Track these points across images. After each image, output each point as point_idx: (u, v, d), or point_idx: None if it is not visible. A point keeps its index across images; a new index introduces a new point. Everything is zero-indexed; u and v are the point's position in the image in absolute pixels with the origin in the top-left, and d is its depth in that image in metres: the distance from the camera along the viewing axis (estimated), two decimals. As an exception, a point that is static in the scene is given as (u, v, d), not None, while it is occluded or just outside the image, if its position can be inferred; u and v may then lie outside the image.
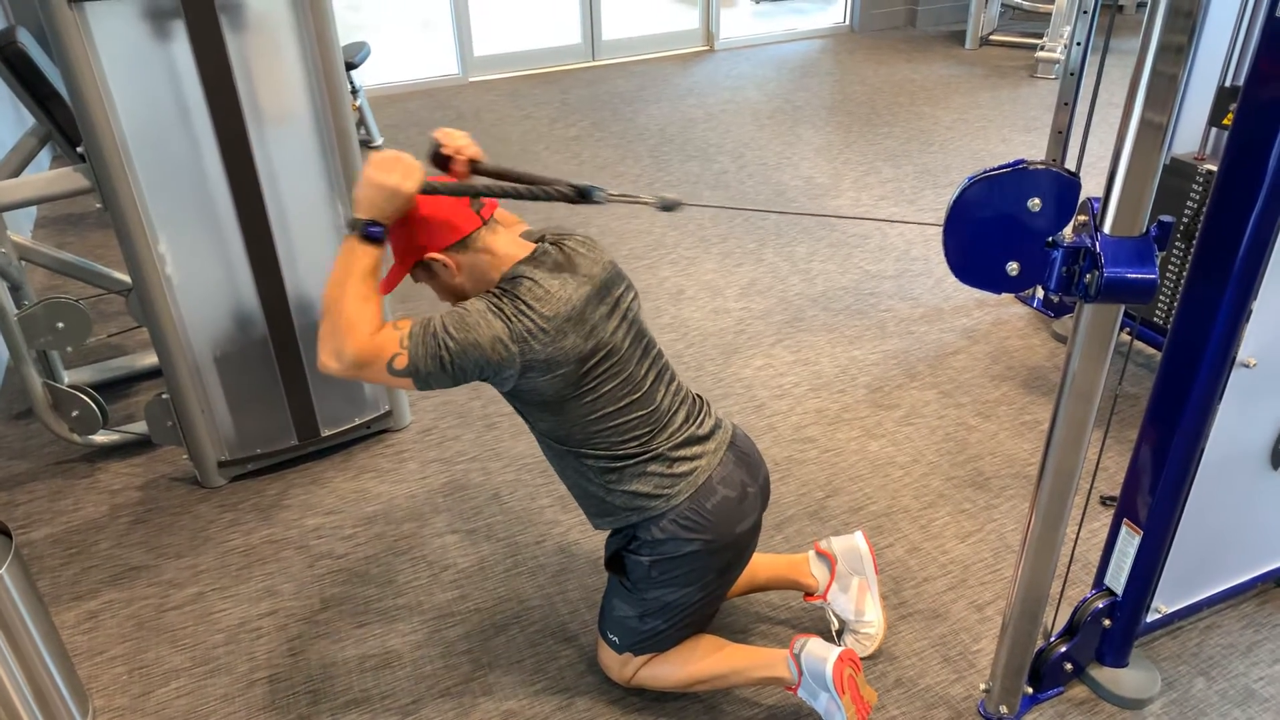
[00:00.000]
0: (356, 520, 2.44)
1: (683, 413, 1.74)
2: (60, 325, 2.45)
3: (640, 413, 1.67)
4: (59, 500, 2.53)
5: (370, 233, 1.51)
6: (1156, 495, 1.72)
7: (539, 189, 1.59)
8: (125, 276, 2.80)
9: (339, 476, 2.60)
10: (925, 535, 2.34)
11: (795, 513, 2.42)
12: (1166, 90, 1.26)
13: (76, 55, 1.99)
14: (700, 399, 1.81)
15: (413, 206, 1.55)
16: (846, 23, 6.65)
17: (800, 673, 1.75)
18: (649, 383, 1.69)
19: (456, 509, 2.47)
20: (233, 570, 2.29)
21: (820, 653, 1.73)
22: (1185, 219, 2.51)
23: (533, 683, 1.98)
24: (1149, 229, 1.35)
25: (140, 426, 2.66)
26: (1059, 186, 1.32)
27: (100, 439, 2.66)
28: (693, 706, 1.91)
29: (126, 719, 1.94)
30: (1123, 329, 1.50)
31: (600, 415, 1.64)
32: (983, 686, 1.90)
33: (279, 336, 2.44)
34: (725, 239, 3.81)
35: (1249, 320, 1.55)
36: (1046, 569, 1.68)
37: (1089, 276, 1.34)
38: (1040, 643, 1.87)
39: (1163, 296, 2.68)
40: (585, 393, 1.62)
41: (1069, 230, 1.37)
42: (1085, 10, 2.89)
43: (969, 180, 1.33)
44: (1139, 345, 2.99)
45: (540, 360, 1.56)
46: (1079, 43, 2.93)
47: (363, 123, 4.77)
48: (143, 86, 2.09)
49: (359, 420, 2.67)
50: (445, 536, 2.38)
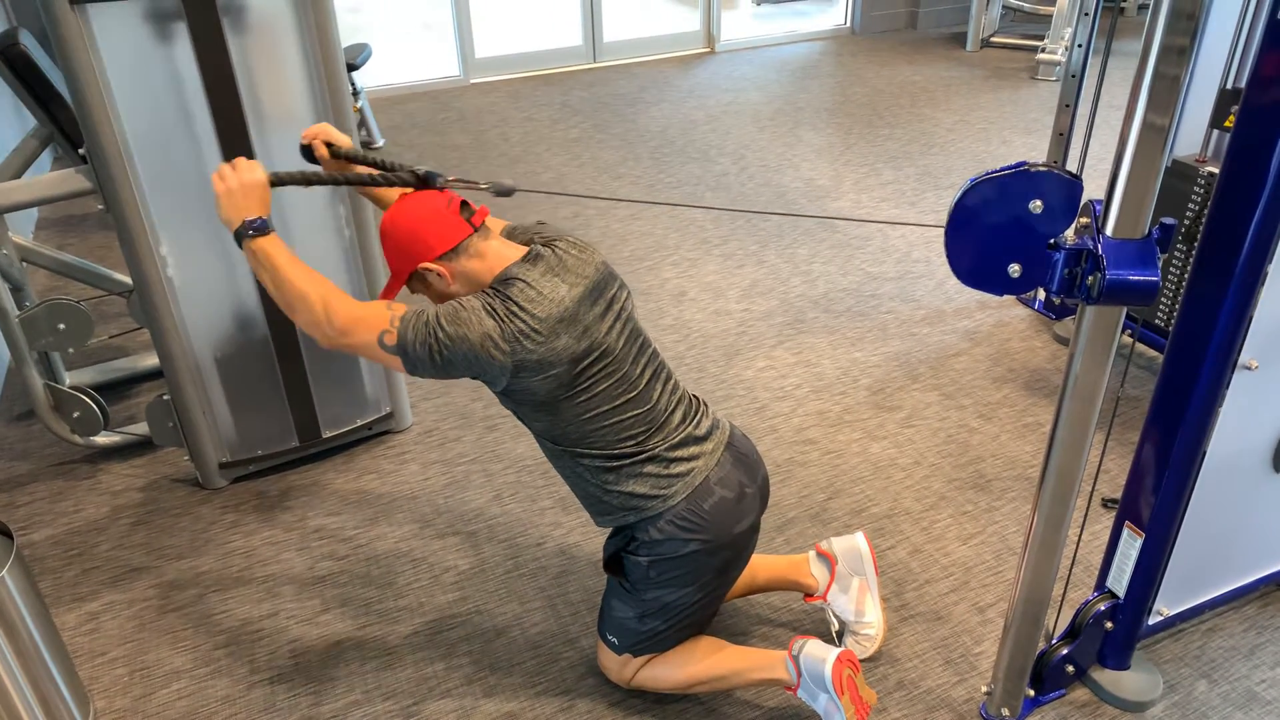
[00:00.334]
0: (358, 522, 2.44)
1: (680, 412, 1.74)
2: (62, 326, 2.45)
3: (636, 412, 1.67)
4: (60, 501, 2.54)
5: (258, 227, 1.61)
6: (1158, 497, 1.71)
7: (381, 175, 1.69)
8: (127, 278, 2.80)
9: (340, 478, 2.60)
10: (927, 537, 2.34)
11: (796, 515, 2.42)
12: (1168, 92, 1.26)
13: (78, 57, 1.99)
14: (698, 399, 1.81)
15: (405, 215, 1.62)
16: (847, 24, 6.66)
17: (799, 674, 1.75)
18: (645, 382, 1.70)
19: (457, 511, 2.47)
20: (234, 572, 2.29)
21: (819, 654, 1.73)
22: (1187, 221, 2.51)
23: (534, 684, 1.98)
24: (1151, 231, 1.35)
25: (141, 428, 2.66)
26: (1061, 188, 1.32)
27: (101, 440, 2.66)
28: (693, 708, 1.91)
29: (127, 720, 1.94)
30: (1124, 331, 1.50)
31: (595, 414, 1.65)
32: (984, 689, 1.90)
33: (280, 338, 2.44)
34: (726, 240, 3.81)
35: (1251, 322, 1.55)
36: (1048, 571, 1.67)
37: (1091, 279, 1.34)
38: (1042, 645, 1.86)
39: (1164, 299, 2.68)
40: (579, 392, 1.63)
41: (1071, 232, 1.37)
42: (1086, 12, 2.89)
43: (971, 182, 1.33)
44: (1141, 347, 2.99)
45: (533, 361, 1.56)
46: (1080, 45, 2.93)
47: (364, 124, 4.78)
48: (145, 88, 2.09)
49: (360, 422, 2.67)
50: (446, 538, 2.38)
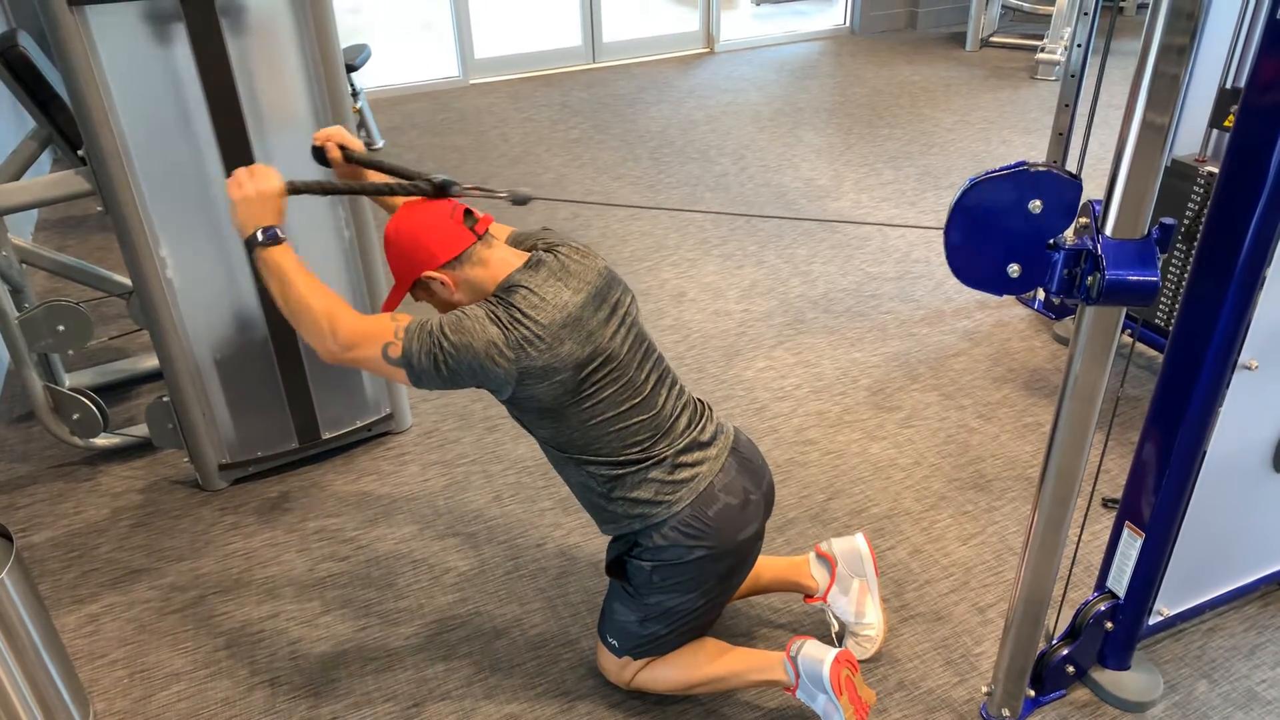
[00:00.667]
0: (357, 523, 2.44)
1: (685, 418, 1.73)
2: (61, 328, 2.45)
3: (641, 418, 1.67)
4: (60, 503, 2.53)
5: (270, 236, 1.61)
6: (1158, 497, 1.71)
7: (398, 184, 1.67)
8: (126, 279, 2.80)
9: (340, 479, 2.60)
10: (927, 538, 2.33)
11: (796, 515, 2.41)
12: (1168, 92, 1.26)
13: (77, 58, 1.99)
14: (702, 404, 1.81)
15: (409, 223, 1.61)
16: (847, 24, 6.66)
17: (797, 674, 1.75)
18: (650, 387, 1.69)
19: (457, 512, 2.47)
20: (234, 573, 2.29)
21: (817, 654, 1.73)
22: (1186, 221, 2.50)
23: (534, 685, 1.98)
24: (1150, 231, 1.35)
25: (141, 429, 2.66)
26: (1060, 188, 1.32)
27: (101, 442, 2.66)
28: (693, 709, 1.91)
29: (127, 722, 1.94)
30: (1124, 331, 1.49)
31: (600, 421, 1.64)
32: (985, 689, 1.90)
33: (280, 339, 2.44)
34: (726, 241, 3.81)
35: (1250, 322, 1.55)
36: (1048, 571, 1.67)
37: (1090, 279, 1.34)
38: (1042, 645, 1.86)
39: (1164, 298, 2.68)
40: (584, 399, 1.62)
41: (1070, 232, 1.37)
42: (1086, 12, 2.89)
43: (970, 182, 1.33)
44: (1141, 347, 2.99)
45: (537, 368, 1.56)
46: (1079, 44, 2.93)
47: (364, 125, 4.77)
48: (144, 89, 2.09)
49: (360, 423, 2.67)
50: (446, 539, 2.38)
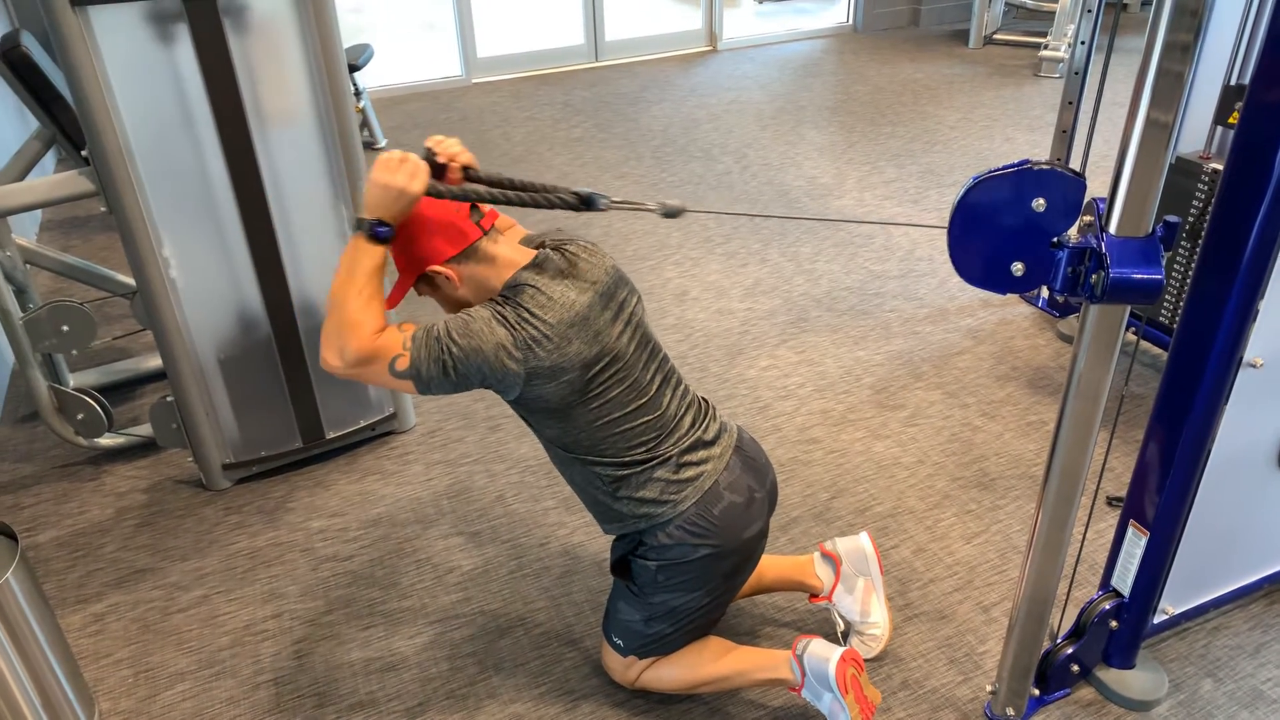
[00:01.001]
0: (361, 523, 2.44)
1: (689, 417, 1.73)
2: (65, 328, 2.45)
3: (647, 418, 1.67)
4: (64, 503, 2.54)
5: (377, 232, 1.51)
6: (1163, 496, 1.71)
7: (541, 196, 1.60)
8: (130, 279, 2.81)
9: (343, 479, 2.60)
10: (931, 536, 2.33)
11: (800, 514, 2.41)
12: (1172, 89, 1.25)
13: (80, 59, 1.99)
14: (706, 402, 1.80)
15: (414, 215, 1.55)
16: (850, 22, 6.65)
17: (803, 674, 1.74)
18: (655, 387, 1.69)
19: (461, 511, 2.47)
20: (238, 573, 2.29)
21: (823, 653, 1.73)
22: (1191, 218, 2.50)
23: (538, 685, 1.98)
24: (1154, 229, 1.35)
25: (145, 429, 2.67)
26: (1064, 186, 1.32)
27: (105, 442, 2.66)
28: (697, 709, 1.91)
29: (132, 722, 1.95)
30: (1129, 329, 1.49)
31: (607, 421, 1.64)
32: (989, 688, 1.90)
33: (283, 339, 2.44)
34: (729, 239, 3.80)
35: (1256, 320, 1.55)
36: (1053, 570, 1.67)
37: (1094, 277, 1.34)
38: (1047, 644, 1.86)
39: (1169, 296, 2.67)
40: (591, 399, 1.61)
41: (1074, 230, 1.37)
42: (1089, 9, 2.88)
43: (973, 180, 1.33)
44: (1145, 345, 2.98)
45: (545, 367, 1.55)
46: (1083, 41, 2.92)
47: (366, 125, 4.78)
48: (147, 90, 2.09)
49: (363, 422, 2.67)
50: (450, 539, 2.38)
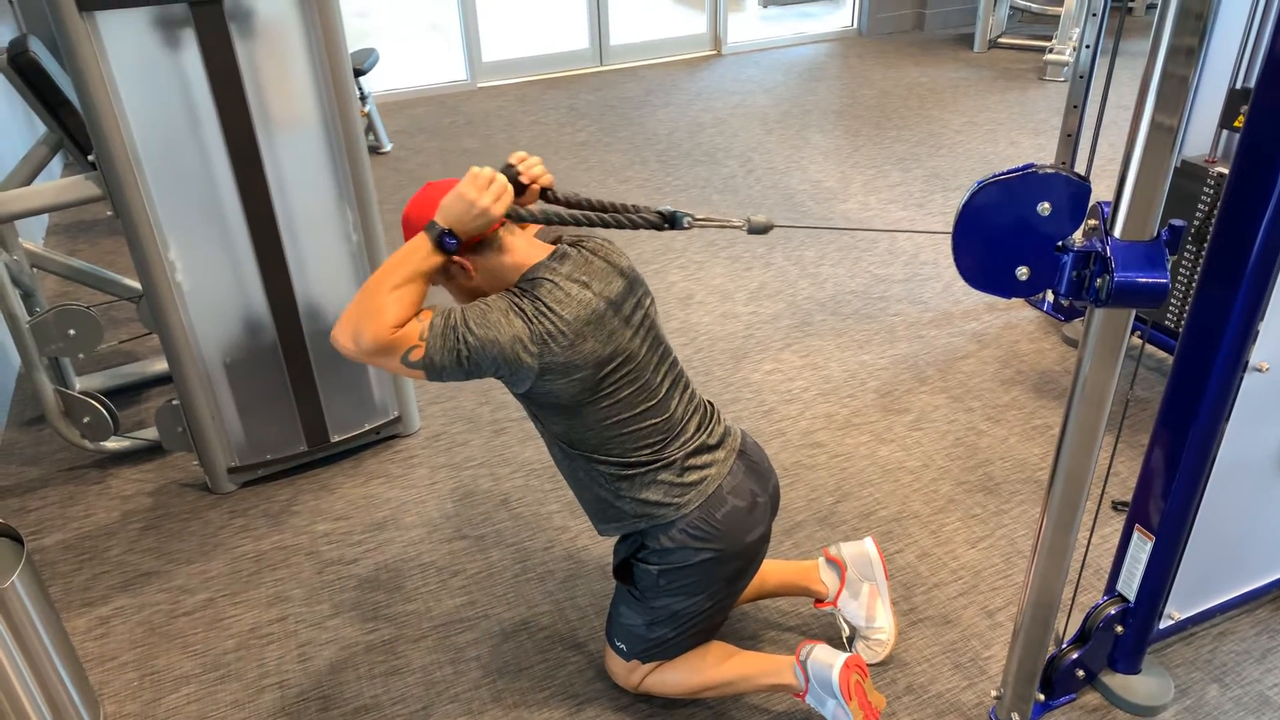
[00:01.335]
0: (366, 526, 2.44)
1: (695, 421, 1.73)
2: (72, 332, 2.46)
3: (654, 420, 1.67)
4: (70, 506, 2.55)
5: (445, 242, 1.51)
6: (1169, 500, 1.70)
7: (624, 216, 1.58)
8: (136, 283, 2.81)
9: (348, 482, 2.60)
10: (935, 541, 2.33)
11: (805, 518, 2.41)
12: (1177, 93, 1.25)
13: (87, 64, 2.00)
14: (711, 406, 1.80)
15: (431, 204, 1.55)
16: (854, 26, 6.65)
17: (807, 679, 1.74)
18: (664, 390, 1.69)
19: (465, 515, 2.47)
20: (243, 576, 2.30)
21: (826, 659, 1.72)
22: (1196, 222, 2.49)
23: (541, 689, 1.98)
24: (1160, 233, 1.35)
25: (151, 433, 2.67)
26: (1069, 190, 1.32)
27: (111, 445, 2.67)
28: (701, 713, 1.91)
29: (137, 725, 1.95)
30: (1134, 333, 1.49)
31: (615, 421, 1.64)
32: (994, 693, 1.89)
33: (289, 342, 2.44)
34: (734, 244, 3.80)
35: (1261, 324, 1.54)
36: (1058, 575, 1.67)
37: (1099, 281, 1.33)
38: (1052, 649, 1.85)
39: (1174, 300, 2.66)
40: (601, 398, 1.61)
41: (1079, 234, 1.36)
42: (1094, 12, 2.88)
43: (978, 184, 1.33)
44: (1150, 349, 2.98)
45: (559, 363, 1.55)
46: (1088, 45, 2.92)
47: (371, 129, 4.79)
48: (153, 94, 2.10)
49: (368, 426, 2.67)
50: (454, 542, 2.38)
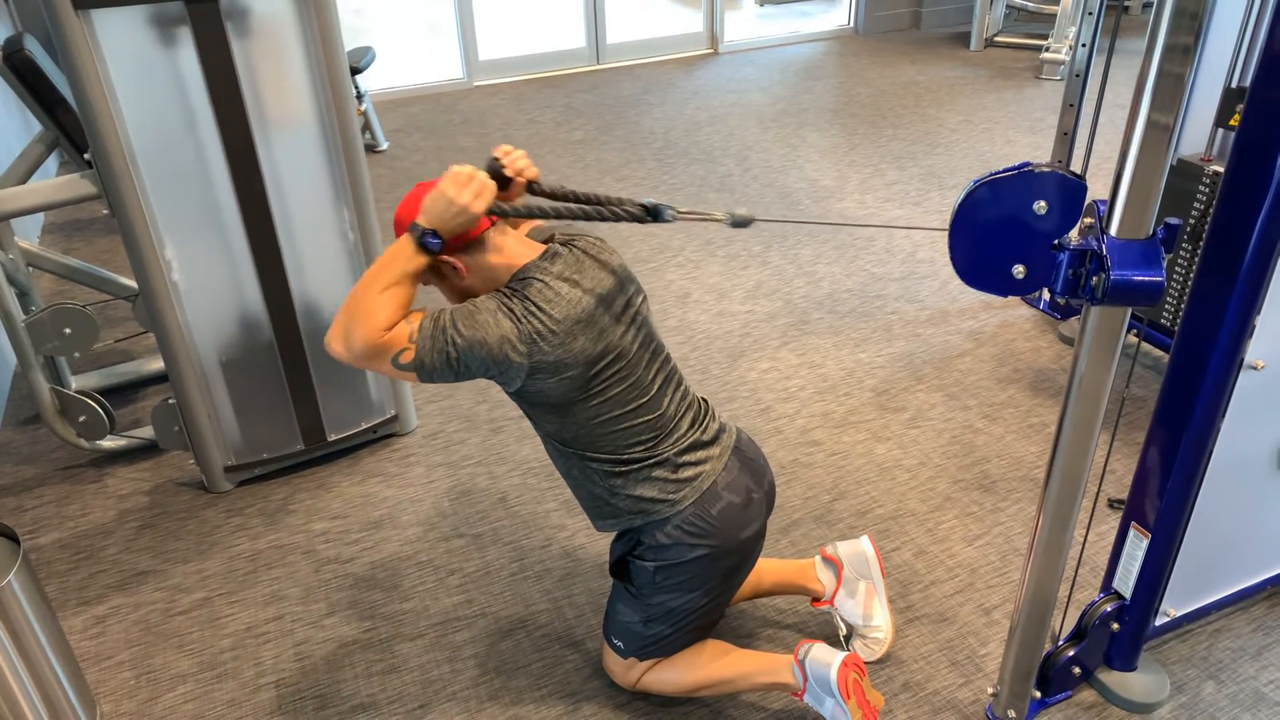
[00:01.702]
0: (363, 525, 2.44)
1: (689, 418, 1.73)
2: (67, 331, 2.46)
3: (647, 417, 1.67)
4: (66, 505, 2.54)
5: (427, 242, 1.50)
6: (1164, 498, 1.71)
7: (607, 209, 1.58)
8: (132, 282, 2.81)
9: (345, 481, 2.60)
10: (932, 538, 2.33)
11: (801, 516, 2.41)
12: (1173, 91, 1.25)
13: (83, 62, 1.99)
14: (705, 403, 1.80)
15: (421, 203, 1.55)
16: (851, 25, 6.65)
17: (805, 678, 1.74)
18: (656, 387, 1.69)
19: (462, 513, 2.47)
20: (239, 575, 2.30)
21: (825, 658, 1.73)
22: (1192, 220, 2.50)
23: (539, 687, 1.98)
24: (1155, 231, 1.35)
25: (147, 432, 2.67)
26: (1065, 189, 1.32)
27: (107, 444, 2.67)
28: (698, 711, 1.91)
29: (134, 724, 1.95)
30: (1130, 331, 1.49)
31: (607, 419, 1.64)
32: (990, 690, 1.90)
33: (285, 341, 2.44)
34: (731, 242, 3.81)
35: (1257, 322, 1.55)
36: (1054, 572, 1.67)
37: (1095, 279, 1.34)
38: (1048, 646, 1.86)
39: (1170, 298, 2.67)
40: (593, 395, 1.62)
41: (1075, 232, 1.37)
42: (1090, 11, 2.88)
43: (974, 183, 1.33)
44: (1146, 347, 2.98)
45: (549, 362, 1.55)
46: (1084, 44, 2.92)
47: (368, 127, 4.78)
48: (149, 93, 2.09)
49: (365, 425, 2.67)
50: (451, 541, 2.38)
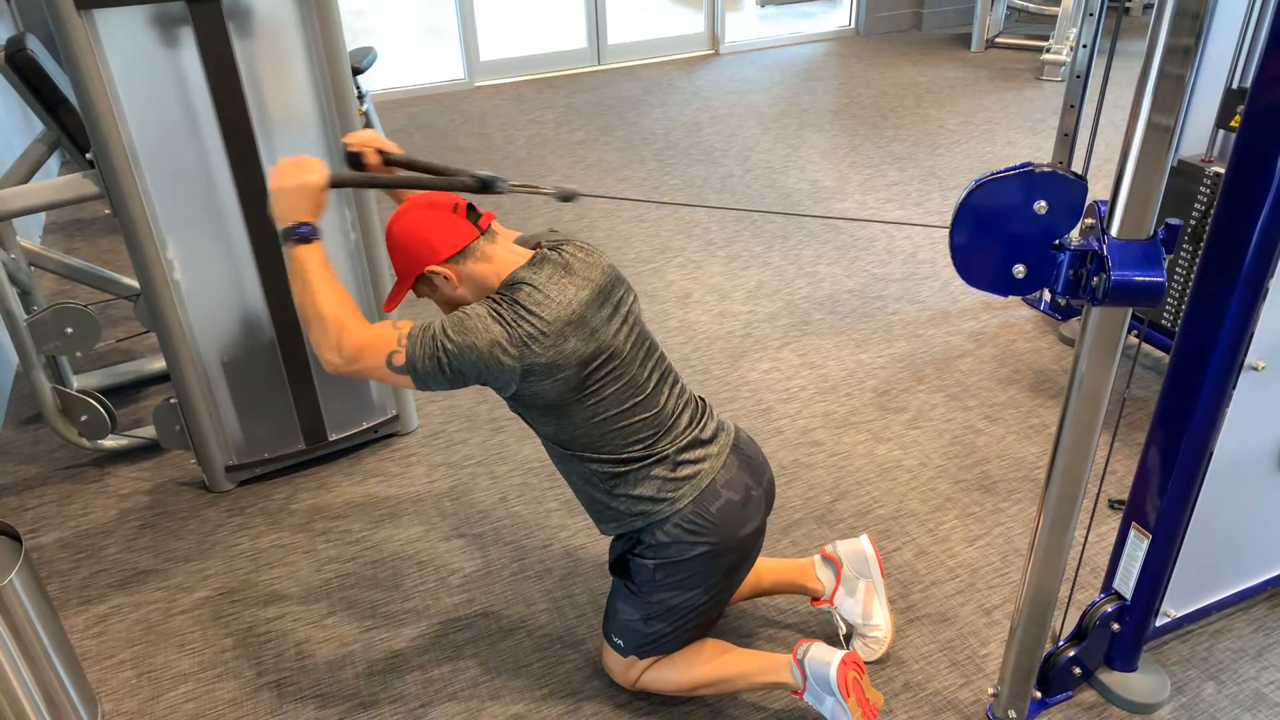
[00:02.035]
0: (364, 524, 2.44)
1: (686, 415, 1.74)
2: (69, 330, 2.46)
3: (644, 415, 1.67)
4: (68, 505, 2.54)
5: (302, 234, 1.58)
6: (1165, 498, 1.71)
7: (443, 180, 1.66)
8: (133, 282, 2.81)
9: (346, 481, 2.60)
10: (933, 539, 2.33)
11: (802, 516, 2.41)
12: (1174, 92, 1.26)
13: (85, 62, 2.00)
14: (703, 401, 1.81)
15: (411, 218, 1.62)
16: (852, 26, 6.65)
17: (805, 677, 1.75)
18: (652, 385, 1.70)
19: (463, 513, 2.47)
20: (240, 575, 2.30)
21: (824, 657, 1.73)
22: (1193, 221, 2.50)
23: (540, 686, 1.98)
24: (1156, 231, 1.35)
25: (149, 431, 2.67)
26: (1065, 189, 1.32)
27: (109, 444, 2.67)
28: (698, 711, 1.91)
29: (135, 723, 1.95)
30: (1130, 331, 1.49)
31: (604, 419, 1.65)
32: (991, 691, 1.90)
33: (286, 341, 2.44)
34: (732, 242, 3.81)
35: (1258, 322, 1.55)
36: (1055, 572, 1.67)
37: (1096, 279, 1.34)
38: (1049, 647, 1.86)
39: (1171, 299, 2.67)
40: (587, 396, 1.63)
41: (1076, 233, 1.37)
42: (1091, 12, 2.88)
43: (975, 183, 1.33)
44: (1147, 348, 2.98)
45: (541, 364, 1.56)
46: (1085, 45, 2.92)
47: (369, 128, 4.78)
48: (151, 93, 2.10)
49: (366, 424, 2.67)
50: (452, 540, 2.38)
